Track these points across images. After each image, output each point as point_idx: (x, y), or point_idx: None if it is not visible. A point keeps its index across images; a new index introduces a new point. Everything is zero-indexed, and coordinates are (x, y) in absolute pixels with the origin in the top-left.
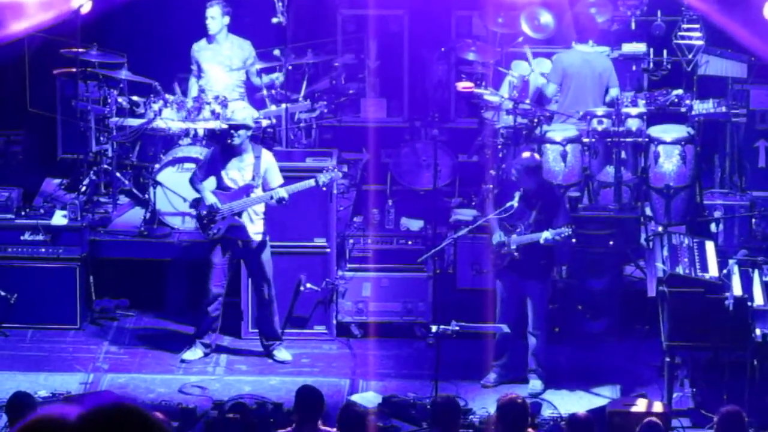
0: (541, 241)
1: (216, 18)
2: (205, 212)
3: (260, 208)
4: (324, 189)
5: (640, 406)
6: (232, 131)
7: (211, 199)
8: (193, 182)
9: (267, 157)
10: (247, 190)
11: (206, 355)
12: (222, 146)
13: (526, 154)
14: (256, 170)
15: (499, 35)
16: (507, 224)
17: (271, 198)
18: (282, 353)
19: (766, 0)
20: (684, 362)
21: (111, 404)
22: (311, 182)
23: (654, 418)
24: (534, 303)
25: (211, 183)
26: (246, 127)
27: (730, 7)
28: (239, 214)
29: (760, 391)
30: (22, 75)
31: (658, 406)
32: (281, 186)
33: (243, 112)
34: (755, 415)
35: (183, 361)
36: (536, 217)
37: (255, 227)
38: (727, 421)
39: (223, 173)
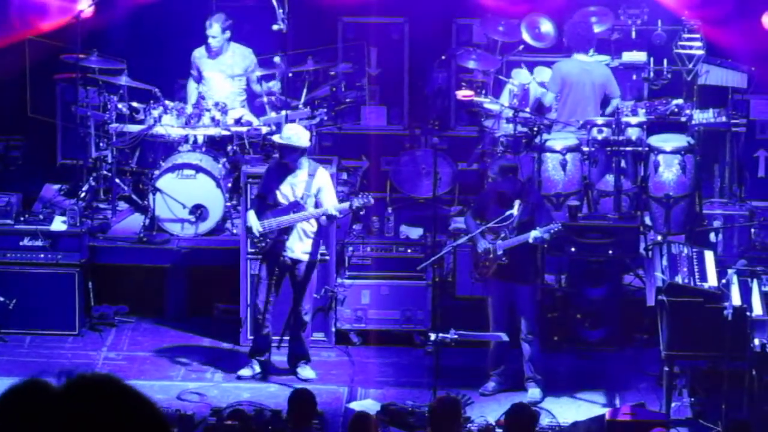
0: (531, 240)
1: (217, 36)
2: (253, 231)
3: (311, 227)
4: (362, 213)
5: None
6: (285, 152)
7: (254, 224)
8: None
9: (321, 176)
10: (294, 206)
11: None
12: (278, 162)
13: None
14: (306, 188)
15: (500, 43)
16: (491, 232)
17: (322, 215)
18: (306, 371)
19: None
20: (683, 372)
21: (92, 374)
22: (345, 205)
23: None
24: (523, 308)
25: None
26: (301, 149)
27: (729, 16)
28: (287, 231)
29: (759, 401)
30: (23, 80)
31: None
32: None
33: (297, 132)
34: (755, 425)
35: (239, 377)
36: (520, 220)
37: (304, 246)
38: (734, 430)
39: (276, 189)
